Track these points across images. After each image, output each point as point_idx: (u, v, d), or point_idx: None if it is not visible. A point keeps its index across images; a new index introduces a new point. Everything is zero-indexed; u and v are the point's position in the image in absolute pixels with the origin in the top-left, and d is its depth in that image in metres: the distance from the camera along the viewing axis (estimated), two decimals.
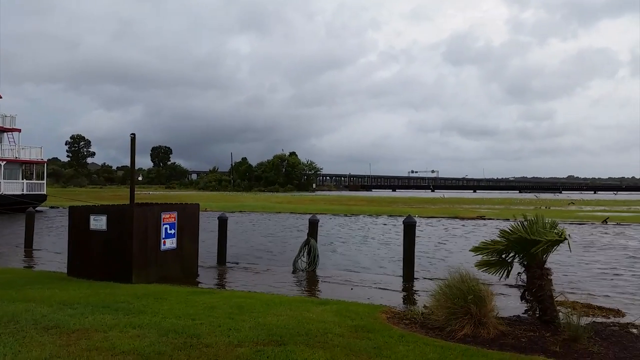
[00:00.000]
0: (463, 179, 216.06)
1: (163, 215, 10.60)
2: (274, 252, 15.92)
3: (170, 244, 10.76)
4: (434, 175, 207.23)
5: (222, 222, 13.65)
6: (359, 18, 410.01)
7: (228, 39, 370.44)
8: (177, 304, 7.31)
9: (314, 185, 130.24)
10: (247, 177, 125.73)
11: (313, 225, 12.78)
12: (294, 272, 12.14)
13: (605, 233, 22.69)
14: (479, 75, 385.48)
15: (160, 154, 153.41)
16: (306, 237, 12.68)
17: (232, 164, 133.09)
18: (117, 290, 8.43)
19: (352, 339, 5.59)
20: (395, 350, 5.21)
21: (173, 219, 10.82)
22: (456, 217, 32.11)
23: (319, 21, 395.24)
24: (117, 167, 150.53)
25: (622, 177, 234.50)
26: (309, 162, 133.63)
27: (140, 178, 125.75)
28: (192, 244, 11.49)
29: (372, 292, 9.90)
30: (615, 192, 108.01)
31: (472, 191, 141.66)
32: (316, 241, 12.61)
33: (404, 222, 11.91)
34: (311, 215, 14.06)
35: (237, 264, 13.43)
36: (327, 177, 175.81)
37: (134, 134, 10.46)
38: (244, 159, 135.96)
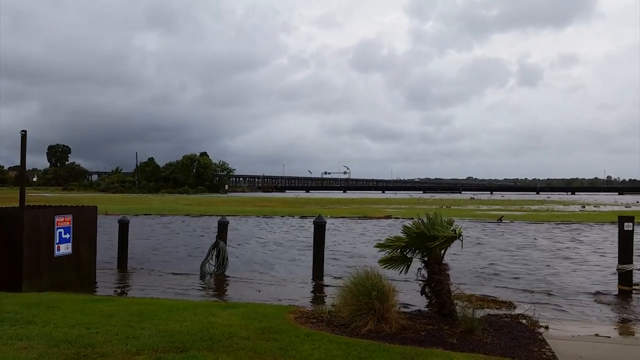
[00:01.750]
0: (373, 180, 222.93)
1: (57, 219, 9.88)
2: (180, 255, 15.39)
3: (65, 249, 10.05)
4: (346, 176, 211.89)
5: (123, 226, 12.99)
6: (270, 21, 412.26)
7: (134, 35, 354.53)
8: (71, 312, 6.85)
9: (227, 187, 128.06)
10: (153, 178, 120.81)
11: (222, 227, 12.51)
12: (201, 276, 11.79)
13: (500, 230, 24.42)
14: (384, 82, 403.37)
15: (57, 153, 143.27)
16: (215, 239, 12.37)
17: (137, 164, 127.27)
18: (4, 300, 7.73)
19: (258, 341, 5.54)
20: (301, 349, 5.23)
21: (68, 223, 10.12)
22: (365, 217, 33.04)
23: (228, 22, 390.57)
24: (10, 168, 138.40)
25: (517, 179, 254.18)
26: (221, 162, 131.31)
27: (35, 179, 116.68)
28: (89, 249, 10.83)
29: (282, 293, 9.86)
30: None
31: (381, 192, 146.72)
32: (226, 243, 12.35)
33: (314, 222, 12.02)
34: (220, 217, 13.77)
35: (140, 269, 12.82)
36: (241, 179, 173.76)
37: (24, 131, 9.71)
38: (151, 159, 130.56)
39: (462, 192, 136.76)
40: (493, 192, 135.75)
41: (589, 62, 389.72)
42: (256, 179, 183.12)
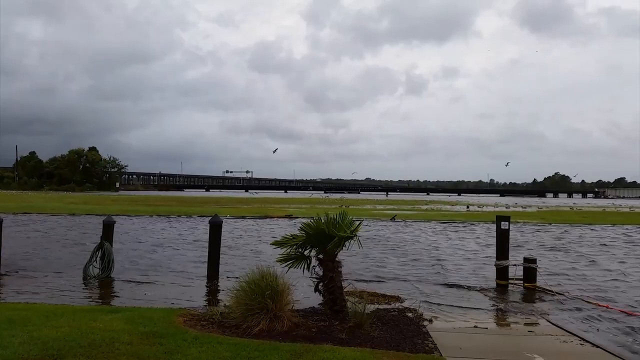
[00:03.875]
0: (275, 179, 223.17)
1: None
2: (62, 257, 14.23)
3: None
4: (248, 175, 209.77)
5: None
6: (164, 15, 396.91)
7: (14, 22, 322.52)
8: None
9: (118, 184, 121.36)
10: (36, 174, 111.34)
11: (108, 228, 11.73)
12: (84, 279, 10.99)
13: (393, 228, 25.53)
14: (283, 84, 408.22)
15: None
16: (100, 240, 11.57)
17: (17, 159, 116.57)
18: None
19: (142, 345, 5.26)
20: (187, 353, 5.04)
21: None
22: (266, 216, 32.93)
23: (119, 14, 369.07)
24: None
25: (410, 180, 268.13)
26: (111, 158, 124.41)
27: None
28: None
29: (172, 296, 9.44)
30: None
31: (283, 191, 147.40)
32: (112, 244, 11.60)
33: (210, 221, 11.71)
34: (107, 216, 12.93)
35: (15, 272, 11.66)
36: (134, 176, 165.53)
37: None
38: (33, 153, 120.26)
39: (361, 192, 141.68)
40: (389, 193, 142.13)
41: (468, 75, 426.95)
42: (152, 177, 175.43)
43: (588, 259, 15.60)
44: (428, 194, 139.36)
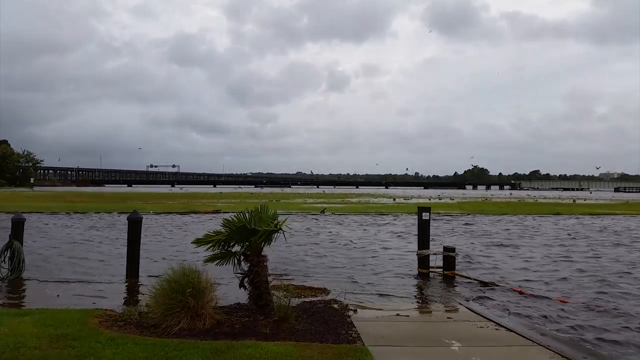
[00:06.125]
0: (204, 174, 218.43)
1: None
2: None
3: None
4: (174, 170, 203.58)
5: None
6: (78, 5, 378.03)
7: None
8: None
9: (33, 180, 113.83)
10: None
11: (18, 225, 10.91)
12: None
13: (322, 221, 25.77)
14: (206, 77, 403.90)
15: None
16: (9, 239, 10.76)
17: None
18: None
19: (52, 349, 4.95)
20: (101, 355, 4.79)
21: None
22: (193, 212, 32.13)
23: (26, 1, 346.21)
24: None
25: (340, 174, 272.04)
26: (25, 152, 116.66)
27: None
28: None
29: (90, 296, 8.95)
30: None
31: (212, 186, 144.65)
32: (22, 244, 10.82)
33: (128, 218, 11.19)
34: (16, 213, 12.04)
35: None
36: (51, 171, 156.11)
37: None
38: None
39: (292, 187, 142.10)
40: (319, 186, 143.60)
41: (387, 73, 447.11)
42: (69, 172, 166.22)
43: (503, 247, 16.52)
44: (357, 187, 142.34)
